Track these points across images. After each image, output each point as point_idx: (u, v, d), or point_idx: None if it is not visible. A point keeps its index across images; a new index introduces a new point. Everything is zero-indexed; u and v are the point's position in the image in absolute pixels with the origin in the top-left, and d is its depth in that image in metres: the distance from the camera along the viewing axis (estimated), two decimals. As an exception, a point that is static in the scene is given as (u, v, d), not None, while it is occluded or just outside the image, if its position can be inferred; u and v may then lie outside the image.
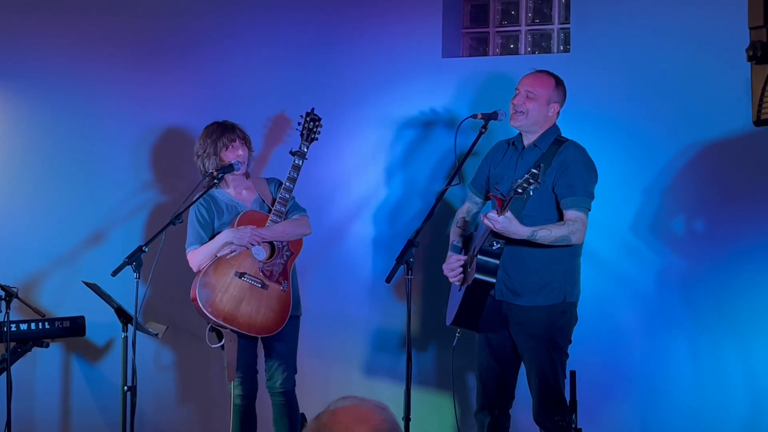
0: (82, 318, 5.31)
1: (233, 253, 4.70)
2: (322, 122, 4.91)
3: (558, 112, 4.52)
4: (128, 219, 5.71)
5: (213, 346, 4.76)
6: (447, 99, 5.25)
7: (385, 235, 5.36)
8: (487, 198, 4.66)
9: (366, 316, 5.35)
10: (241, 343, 4.76)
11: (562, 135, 4.51)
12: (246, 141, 4.86)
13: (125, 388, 4.68)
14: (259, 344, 4.87)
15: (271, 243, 4.76)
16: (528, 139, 4.52)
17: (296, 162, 4.79)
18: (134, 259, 4.58)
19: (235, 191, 4.87)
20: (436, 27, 5.30)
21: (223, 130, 4.81)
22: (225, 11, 5.65)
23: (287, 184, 4.77)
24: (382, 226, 5.37)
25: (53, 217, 5.87)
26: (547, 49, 5.41)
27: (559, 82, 4.51)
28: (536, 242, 4.26)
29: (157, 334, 4.99)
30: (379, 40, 5.38)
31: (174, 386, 5.70)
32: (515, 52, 5.44)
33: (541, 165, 4.06)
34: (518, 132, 4.56)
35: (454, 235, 4.67)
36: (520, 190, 4.00)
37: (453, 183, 4.49)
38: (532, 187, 4.00)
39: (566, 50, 5.26)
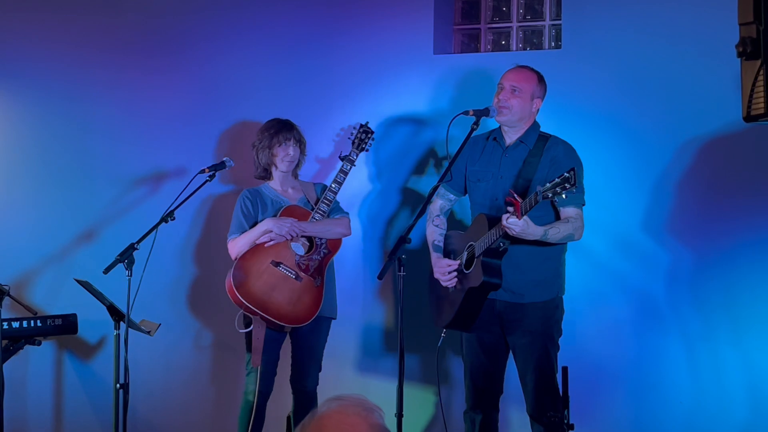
0: (74, 316, 5.30)
1: (272, 242, 4.78)
2: (374, 136, 5.03)
3: (539, 108, 4.52)
4: (120, 216, 5.71)
5: (241, 331, 4.83)
6: (438, 95, 5.25)
7: (375, 231, 5.36)
8: (464, 194, 4.65)
9: (356, 314, 5.35)
10: (269, 340, 4.80)
11: (543, 130, 4.50)
12: (300, 143, 4.97)
13: (117, 385, 4.70)
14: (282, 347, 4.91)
15: (310, 239, 4.83)
16: (511, 136, 4.51)
17: (344, 167, 4.91)
18: (126, 256, 4.60)
19: (281, 188, 4.97)
20: (427, 23, 5.30)
21: (281, 128, 4.92)
22: (217, 9, 5.65)
23: (333, 186, 4.88)
24: (371, 223, 5.37)
25: (45, 215, 5.87)
26: (539, 46, 5.41)
27: (540, 78, 4.51)
28: (540, 241, 4.25)
29: (149, 332, 4.99)
30: (371, 36, 5.38)
31: (167, 384, 5.69)
32: (507, 48, 5.45)
33: (574, 169, 3.92)
34: (497, 127, 4.55)
35: (434, 235, 4.65)
36: (550, 194, 3.93)
37: (445, 179, 4.48)
38: (566, 192, 3.92)
39: (557, 46, 5.26)
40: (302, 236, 4.82)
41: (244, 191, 4.96)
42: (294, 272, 4.76)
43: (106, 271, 4.60)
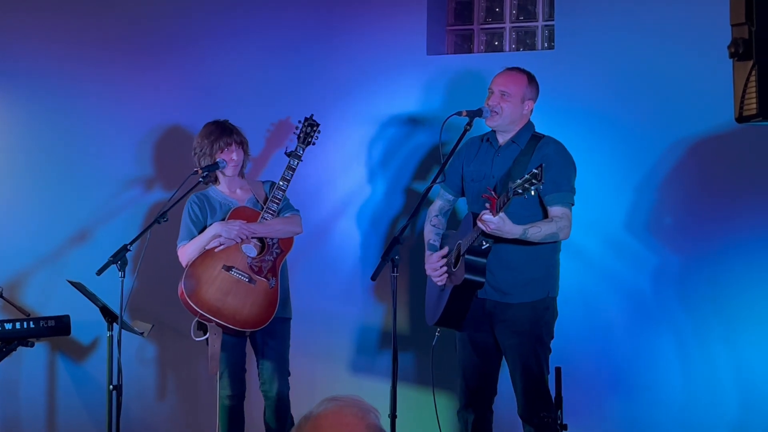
0: (67, 317, 5.28)
1: (221, 247, 4.70)
2: (320, 128, 4.96)
3: (532, 109, 4.52)
4: (113, 218, 5.70)
5: (197, 339, 4.76)
6: (432, 96, 5.25)
7: (369, 232, 5.36)
8: (462, 195, 4.66)
9: (350, 314, 5.35)
10: (229, 343, 4.76)
11: (537, 131, 4.51)
12: (242, 144, 4.88)
13: (111, 386, 4.68)
14: (248, 347, 4.87)
15: (261, 240, 4.77)
16: (504, 137, 4.51)
17: (291, 163, 4.83)
18: (119, 258, 4.59)
19: (229, 190, 4.89)
20: (420, 24, 5.30)
21: (221, 133, 4.83)
22: (211, 10, 5.64)
23: (281, 183, 4.80)
24: (366, 224, 5.37)
25: (38, 216, 5.86)
26: (532, 46, 5.42)
27: (531, 79, 4.50)
28: (526, 240, 4.25)
29: (142, 333, 4.98)
30: (364, 37, 5.38)
31: (160, 385, 5.69)
32: (500, 49, 5.45)
33: (543, 164, 3.94)
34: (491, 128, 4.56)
35: (431, 234, 4.66)
36: (520, 191, 3.92)
37: (438, 180, 4.47)
38: (534, 187, 3.91)
39: (551, 47, 5.27)
40: (253, 237, 4.75)
41: (191, 196, 4.84)
42: (247, 275, 4.69)
43: (99, 272, 4.59)
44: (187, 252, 4.76)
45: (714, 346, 4.77)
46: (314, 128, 4.95)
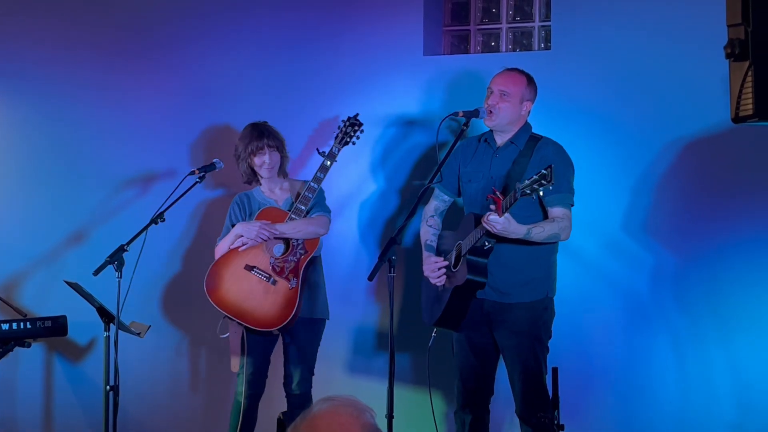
0: (64, 317, 5.28)
1: (245, 246, 4.74)
2: (363, 128, 4.93)
3: (530, 110, 4.53)
4: (110, 218, 5.70)
5: (222, 336, 4.81)
6: (428, 96, 5.26)
7: (366, 233, 5.36)
8: (459, 195, 4.67)
9: (348, 315, 5.35)
10: (254, 342, 4.79)
11: (534, 131, 4.52)
12: (277, 147, 4.88)
13: (107, 387, 4.69)
14: (278, 349, 4.90)
15: (287, 240, 4.78)
16: (502, 138, 4.52)
17: (325, 163, 4.82)
18: (116, 258, 4.60)
19: (268, 190, 4.93)
20: (417, 25, 5.31)
21: (254, 137, 4.86)
22: (207, 11, 5.64)
23: (312, 184, 4.80)
24: (364, 225, 5.37)
25: (35, 217, 5.85)
26: (528, 47, 5.42)
27: (530, 80, 4.52)
28: (529, 240, 4.26)
29: (139, 333, 4.98)
30: (361, 37, 5.38)
31: (157, 385, 5.69)
32: (496, 49, 5.46)
33: (552, 165, 3.95)
34: (489, 129, 4.57)
35: (427, 235, 4.66)
36: (528, 191, 3.94)
37: (434, 180, 4.48)
38: (543, 188, 3.93)
39: (547, 48, 5.27)
40: (277, 238, 4.76)
41: (236, 196, 4.95)
42: (267, 275, 4.72)
43: (96, 272, 4.60)
44: (219, 250, 4.84)
45: (710, 346, 4.78)
46: (355, 128, 4.91)
